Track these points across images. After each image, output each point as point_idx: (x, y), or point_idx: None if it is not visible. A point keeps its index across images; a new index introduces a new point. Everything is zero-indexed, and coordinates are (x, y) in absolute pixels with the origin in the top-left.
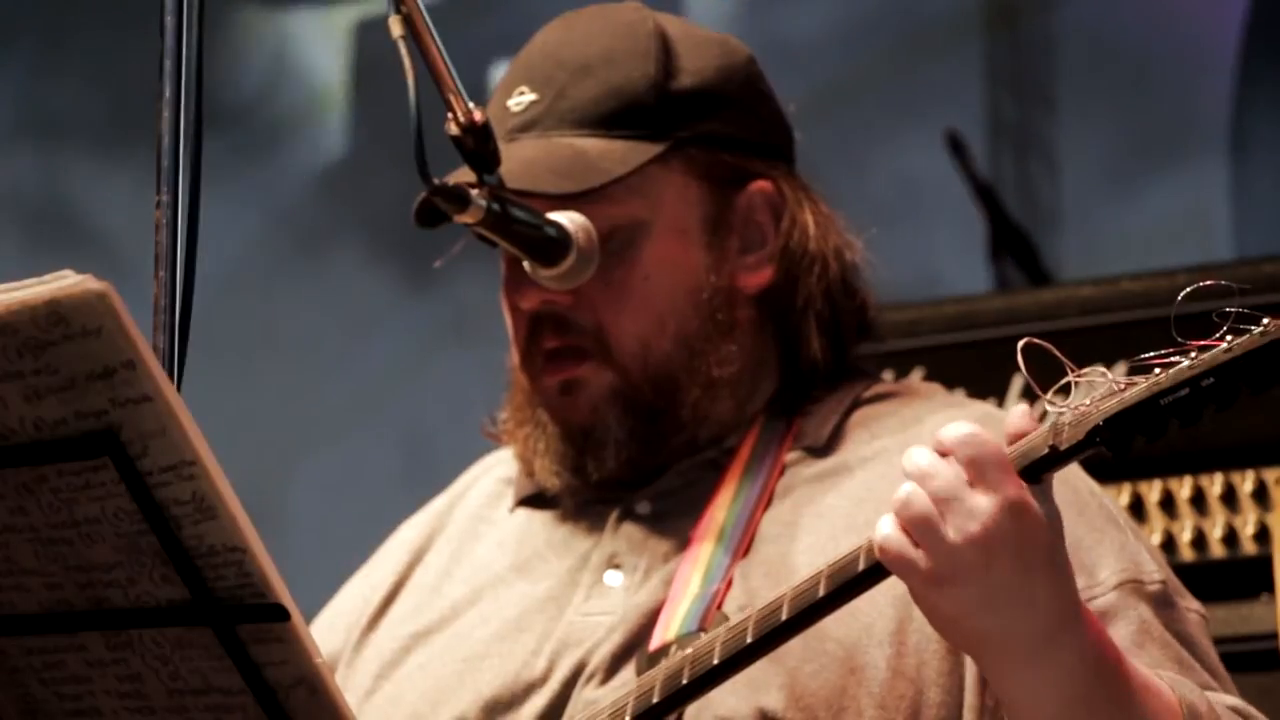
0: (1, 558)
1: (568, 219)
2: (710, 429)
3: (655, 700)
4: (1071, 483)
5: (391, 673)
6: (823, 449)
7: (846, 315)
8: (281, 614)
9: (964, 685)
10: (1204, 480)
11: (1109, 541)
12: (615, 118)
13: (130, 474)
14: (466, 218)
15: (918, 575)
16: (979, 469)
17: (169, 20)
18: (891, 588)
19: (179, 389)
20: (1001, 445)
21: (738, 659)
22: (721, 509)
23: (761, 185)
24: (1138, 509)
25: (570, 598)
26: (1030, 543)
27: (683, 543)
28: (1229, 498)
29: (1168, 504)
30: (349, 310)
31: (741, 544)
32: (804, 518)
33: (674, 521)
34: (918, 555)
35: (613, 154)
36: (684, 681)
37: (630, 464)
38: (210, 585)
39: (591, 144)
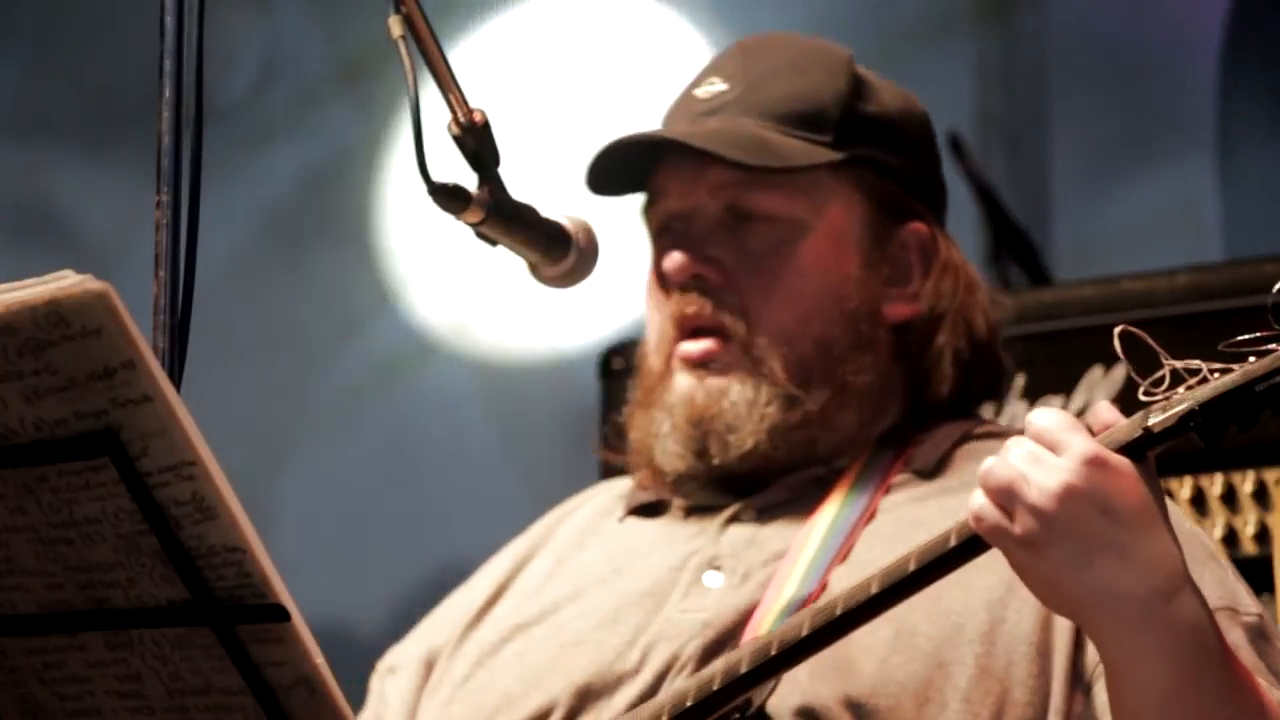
0: (1, 558)
1: (567, 219)
2: (829, 440)
3: (743, 670)
4: (1172, 517)
5: (489, 660)
6: (929, 473)
7: (980, 374)
8: (281, 614)
9: (1051, 688)
10: (1204, 480)
11: (1209, 574)
12: (800, 119)
13: (130, 474)
14: (468, 217)
15: (1011, 540)
16: (1050, 435)
17: (169, 20)
18: (986, 591)
19: (179, 389)
20: (1069, 415)
21: (825, 632)
22: (825, 520)
23: (918, 226)
24: None
25: (668, 595)
26: (1115, 493)
27: (784, 549)
28: (1229, 498)
29: None
30: (336, 309)
31: (840, 551)
32: (903, 529)
33: (777, 530)
34: (1008, 521)
35: (792, 148)
36: (773, 652)
37: (752, 454)
38: (210, 585)
39: (774, 136)
